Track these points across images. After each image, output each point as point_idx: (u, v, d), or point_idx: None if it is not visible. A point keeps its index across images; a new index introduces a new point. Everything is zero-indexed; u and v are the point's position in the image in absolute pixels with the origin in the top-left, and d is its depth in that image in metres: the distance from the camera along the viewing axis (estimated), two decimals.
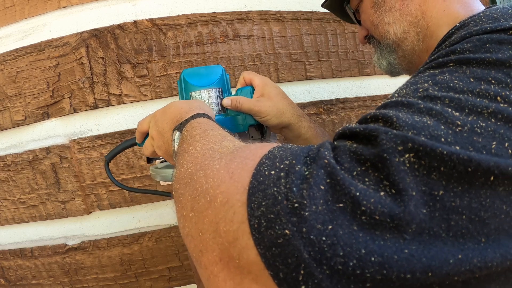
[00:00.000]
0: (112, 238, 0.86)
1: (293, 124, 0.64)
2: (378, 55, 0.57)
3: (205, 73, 0.61)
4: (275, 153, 0.26)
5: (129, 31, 0.84)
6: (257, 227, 0.22)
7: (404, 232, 0.20)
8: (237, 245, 0.23)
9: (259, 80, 0.64)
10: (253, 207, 0.23)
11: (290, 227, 0.21)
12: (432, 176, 0.22)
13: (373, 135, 0.24)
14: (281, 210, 0.22)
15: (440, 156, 0.22)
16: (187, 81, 0.60)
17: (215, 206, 0.25)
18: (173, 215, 0.88)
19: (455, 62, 0.30)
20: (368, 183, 0.22)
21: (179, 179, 0.32)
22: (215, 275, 0.24)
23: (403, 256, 0.20)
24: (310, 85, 0.96)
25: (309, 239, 0.20)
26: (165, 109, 0.50)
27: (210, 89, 0.60)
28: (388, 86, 1.07)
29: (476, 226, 0.21)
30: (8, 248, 0.89)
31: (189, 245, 0.28)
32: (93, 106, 0.83)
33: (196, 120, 0.42)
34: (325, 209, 0.21)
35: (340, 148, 0.25)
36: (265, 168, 0.25)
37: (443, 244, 0.20)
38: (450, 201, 0.21)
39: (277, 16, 0.93)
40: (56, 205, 0.85)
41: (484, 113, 0.24)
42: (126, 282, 0.88)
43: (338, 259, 0.20)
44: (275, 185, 0.23)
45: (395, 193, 0.21)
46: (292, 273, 0.21)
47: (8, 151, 0.86)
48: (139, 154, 0.85)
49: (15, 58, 0.84)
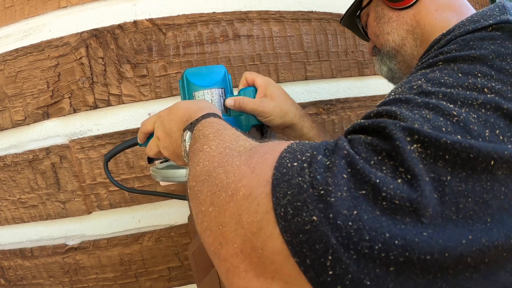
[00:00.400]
0: (112, 238, 0.86)
1: (296, 124, 0.65)
2: (380, 62, 0.61)
3: (208, 73, 0.61)
4: (294, 148, 0.28)
5: (129, 31, 0.84)
6: (284, 215, 0.23)
7: (422, 216, 0.21)
8: (262, 234, 0.24)
9: (262, 81, 0.65)
10: (278, 196, 0.24)
11: (318, 213, 0.22)
12: (438, 164, 0.23)
13: (381, 126, 0.25)
14: (307, 197, 0.23)
15: (444, 145, 0.23)
16: (190, 81, 0.60)
17: (237, 199, 0.26)
18: (173, 215, 0.88)
19: (444, 60, 0.33)
20: (386, 171, 0.23)
21: (195, 176, 0.33)
22: (235, 266, 0.25)
23: (423, 239, 0.21)
24: (310, 85, 0.96)
25: (336, 225, 0.21)
26: (172, 109, 0.50)
27: (213, 89, 0.60)
28: (388, 86, 1.07)
29: (481, 208, 0.22)
30: (8, 248, 0.89)
31: (207, 239, 0.28)
32: (93, 106, 0.83)
33: (207, 119, 0.42)
34: (349, 196, 0.22)
35: (356, 140, 0.26)
36: (287, 161, 0.26)
37: (455, 226, 0.22)
38: (457, 186, 0.23)
39: (277, 16, 0.93)
40: (56, 205, 0.85)
41: (475, 104, 0.27)
42: (126, 282, 0.88)
43: (364, 243, 0.21)
44: (299, 175, 0.24)
45: (410, 178, 0.22)
46: (320, 259, 0.21)
47: (8, 151, 0.86)
48: (139, 154, 0.85)
49: (15, 58, 0.84)
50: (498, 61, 0.30)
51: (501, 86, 0.28)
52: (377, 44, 0.61)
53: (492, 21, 0.34)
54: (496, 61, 0.30)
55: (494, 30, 0.33)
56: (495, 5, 0.40)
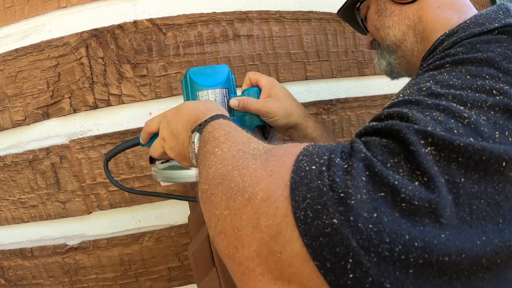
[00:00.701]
0: (112, 238, 0.86)
1: (300, 124, 0.65)
2: (379, 56, 0.61)
3: (212, 73, 0.61)
4: (310, 150, 0.27)
5: (129, 31, 0.84)
6: (303, 218, 0.23)
7: (441, 217, 0.22)
8: (280, 238, 0.23)
9: (266, 81, 0.64)
10: (297, 200, 0.24)
11: (338, 216, 0.22)
12: (452, 166, 0.23)
13: (395, 130, 0.26)
14: (327, 200, 0.23)
15: (458, 148, 0.24)
16: (194, 81, 0.59)
17: (254, 203, 0.26)
18: (173, 215, 0.88)
19: (451, 63, 0.33)
20: (402, 174, 0.23)
21: (208, 180, 0.33)
22: (251, 269, 0.25)
23: (441, 240, 0.21)
24: (310, 85, 0.96)
25: (357, 227, 0.21)
26: (178, 110, 0.49)
27: (217, 89, 0.60)
28: (388, 86, 1.07)
29: (493, 209, 0.23)
30: (8, 248, 0.89)
31: (222, 243, 0.28)
32: (93, 106, 0.83)
33: (217, 121, 0.42)
34: (368, 198, 0.22)
35: (370, 143, 0.26)
36: (305, 164, 0.26)
37: (469, 227, 0.22)
38: (470, 187, 0.23)
39: (277, 16, 0.93)
40: (56, 205, 0.85)
41: (484, 106, 0.27)
42: (126, 282, 0.88)
43: (385, 246, 0.21)
44: (318, 178, 0.24)
45: (427, 180, 0.23)
46: (341, 262, 0.21)
47: (8, 151, 0.86)
48: (139, 154, 0.85)
49: (15, 58, 0.84)
50: (505, 63, 0.30)
51: (509, 88, 0.28)
52: (377, 37, 0.61)
53: (497, 24, 0.35)
54: (503, 63, 0.30)
55: (500, 34, 0.34)
56: (499, 8, 0.40)
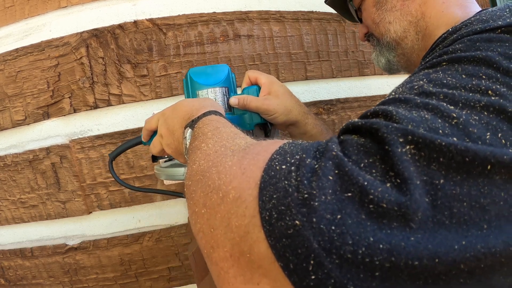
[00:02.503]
0: (112, 238, 0.86)
1: (299, 121, 0.65)
2: (377, 53, 0.59)
3: (212, 72, 0.61)
4: (285, 149, 0.27)
5: (129, 31, 0.84)
6: (268, 219, 0.23)
7: (411, 221, 0.21)
8: (248, 239, 0.23)
9: (265, 79, 0.64)
10: (264, 200, 0.23)
11: (300, 217, 0.21)
12: (432, 166, 0.22)
13: (374, 128, 0.25)
14: (291, 201, 0.22)
15: (439, 147, 0.23)
16: (194, 80, 0.60)
17: (227, 202, 0.25)
18: (173, 215, 0.88)
19: (448, 61, 0.32)
20: (375, 174, 0.23)
21: (191, 176, 0.33)
22: (225, 271, 0.25)
23: (410, 243, 0.20)
24: (310, 85, 0.96)
25: (319, 229, 0.21)
26: (175, 107, 0.50)
27: (217, 88, 0.60)
28: (388, 86, 1.07)
29: (478, 213, 0.22)
30: (8, 248, 0.89)
31: (201, 242, 0.28)
32: (93, 106, 0.83)
33: (208, 117, 0.42)
34: (333, 199, 0.22)
35: (347, 142, 0.26)
36: (276, 163, 0.25)
37: (447, 231, 0.21)
38: (451, 189, 0.22)
39: (277, 16, 0.93)
40: (56, 205, 0.85)
41: (477, 106, 0.26)
42: (126, 282, 0.88)
43: (347, 248, 0.20)
44: (286, 178, 0.24)
45: (400, 182, 0.22)
46: (302, 264, 0.21)
47: (8, 151, 0.86)
48: (139, 154, 0.85)
49: (15, 58, 0.84)
50: (506, 63, 0.29)
51: (506, 89, 0.27)
52: (375, 32, 0.57)
53: (501, 23, 0.33)
54: (503, 63, 0.29)
55: (502, 33, 0.32)
56: (506, 6, 0.38)
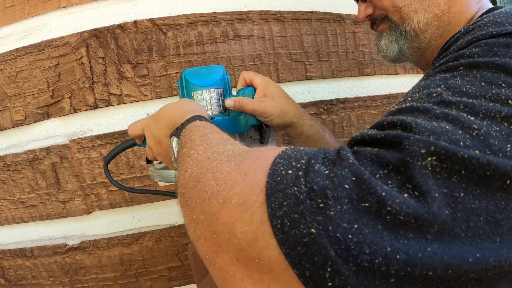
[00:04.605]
0: (112, 238, 0.86)
1: (295, 123, 0.65)
2: (391, 39, 0.55)
3: (207, 73, 0.61)
4: (289, 153, 0.26)
5: (129, 31, 0.84)
6: (280, 227, 0.22)
7: (427, 232, 0.21)
8: (257, 245, 0.23)
9: (261, 80, 0.64)
10: (273, 207, 0.23)
11: (316, 226, 0.21)
12: (453, 179, 0.22)
13: (396, 142, 0.24)
14: (305, 209, 0.22)
15: (461, 160, 0.22)
16: (189, 81, 0.60)
17: (229, 208, 0.25)
18: (173, 215, 0.88)
19: (465, 66, 0.31)
20: (392, 186, 0.23)
21: (184, 183, 0.32)
22: (231, 275, 0.25)
23: (426, 255, 0.20)
24: (310, 85, 0.96)
25: (335, 237, 0.21)
26: (157, 116, 0.50)
27: (212, 89, 0.60)
28: (388, 86, 1.07)
29: (492, 227, 0.22)
30: (8, 248, 0.89)
31: (202, 248, 0.27)
32: (93, 106, 0.83)
33: (193, 123, 0.42)
34: (350, 208, 0.22)
35: (361, 153, 0.25)
36: (281, 168, 0.25)
37: (462, 244, 0.21)
38: (470, 203, 0.22)
39: (277, 16, 0.93)
40: (56, 205, 0.85)
41: (497, 117, 0.25)
42: (126, 282, 0.88)
43: (364, 257, 0.20)
44: (294, 184, 0.23)
45: (418, 195, 0.22)
46: (319, 271, 0.21)
47: (8, 151, 0.86)
48: (139, 154, 0.85)
49: (15, 58, 0.84)
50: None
51: None
52: (393, 17, 0.53)
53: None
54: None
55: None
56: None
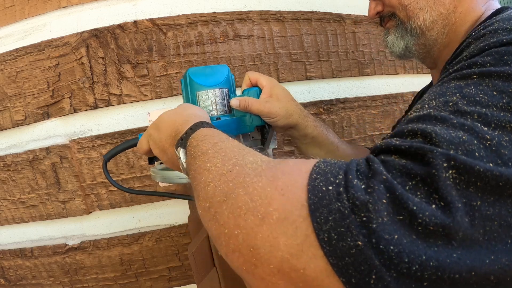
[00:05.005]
0: (112, 238, 0.86)
1: (299, 124, 0.65)
2: (398, 36, 0.57)
3: (211, 73, 0.60)
4: (323, 168, 0.28)
5: (129, 31, 0.84)
6: (328, 240, 0.25)
7: (453, 239, 0.24)
8: (303, 256, 0.25)
9: (267, 81, 0.64)
10: (319, 222, 0.25)
11: (362, 238, 0.24)
12: (470, 189, 0.25)
13: (420, 153, 0.27)
14: (350, 223, 0.24)
15: (478, 173, 0.25)
16: (194, 80, 0.59)
17: (270, 223, 0.27)
18: (173, 215, 0.88)
19: (478, 74, 0.32)
20: (420, 196, 0.25)
21: (207, 197, 0.33)
22: (274, 283, 0.26)
23: (453, 260, 0.23)
24: (310, 85, 0.96)
25: (379, 249, 0.24)
26: (157, 125, 0.49)
27: (217, 89, 0.59)
28: (388, 86, 1.07)
29: (504, 230, 0.25)
30: (8, 248, 0.89)
31: (237, 260, 0.29)
32: (93, 106, 0.83)
33: (198, 132, 0.41)
34: (389, 221, 0.24)
35: (390, 163, 0.27)
36: (321, 184, 0.27)
37: (480, 247, 0.24)
38: (486, 210, 0.25)
39: (277, 16, 0.93)
40: (56, 205, 0.85)
41: (507, 127, 0.27)
42: (126, 282, 0.88)
43: (404, 265, 0.23)
44: (337, 200, 0.25)
45: (444, 205, 0.24)
46: (365, 278, 0.24)
47: (8, 151, 0.86)
48: (139, 154, 0.85)
49: (15, 58, 0.84)
50: None
51: None
52: (400, 14, 0.55)
53: None
54: None
55: None
56: None
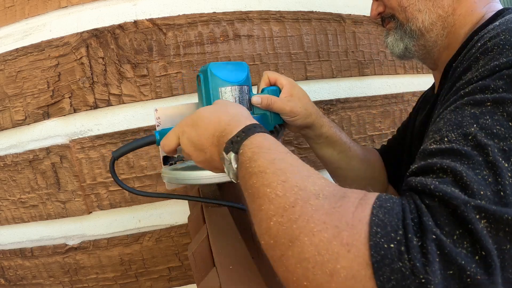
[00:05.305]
0: (112, 238, 0.86)
1: (316, 124, 0.66)
2: (397, 37, 0.57)
3: (233, 69, 0.58)
4: (380, 218, 0.29)
5: (129, 31, 0.84)
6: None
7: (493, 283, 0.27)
8: None
9: (287, 81, 0.65)
10: (382, 280, 0.27)
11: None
12: (500, 234, 0.28)
13: (453, 204, 0.29)
14: (410, 284, 0.26)
15: (506, 221, 0.28)
16: (216, 76, 0.56)
17: (338, 280, 0.28)
18: (173, 215, 0.88)
19: (492, 101, 0.34)
20: (466, 246, 0.28)
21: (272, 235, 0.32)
22: None
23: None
24: (310, 85, 0.96)
25: None
26: (195, 122, 0.45)
27: (240, 86, 0.57)
28: (388, 86, 1.07)
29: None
30: (8, 248, 0.89)
31: None
32: (93, 106, 0.83)
33: (252, 140, 0.38)
34: (441, 278, 0.26)
35: (435, 210, 0.29)
36: (382, 240, 0.28)
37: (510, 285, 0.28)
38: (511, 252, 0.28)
39: (277, 16, 0.93)
40: (56, 205, 0.85)
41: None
42: (126, 282, 0.88)
43: None
44: (399, 259, 0.27)
45: (485, 255, 0.27)
46: None
47: (8, 151, 0.86)
48: (139, 154, 0.85)
49: (15, 58, 0.84)
50: None
51: None
52: (399, 16, 0.56)
53: None
54: None
55: None
56: None
